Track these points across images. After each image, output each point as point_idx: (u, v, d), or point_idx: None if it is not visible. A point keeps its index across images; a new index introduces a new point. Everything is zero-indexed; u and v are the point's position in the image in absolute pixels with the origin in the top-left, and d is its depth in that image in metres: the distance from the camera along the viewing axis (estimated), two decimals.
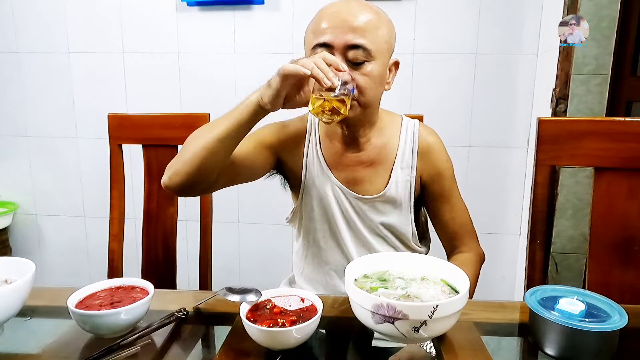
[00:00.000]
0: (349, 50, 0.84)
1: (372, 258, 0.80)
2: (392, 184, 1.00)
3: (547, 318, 0.66)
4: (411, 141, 1.01)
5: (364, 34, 0.84)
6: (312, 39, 0.88)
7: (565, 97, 1.69)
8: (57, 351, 0.69)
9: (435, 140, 1.03)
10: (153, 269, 1.23)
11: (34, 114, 2.22)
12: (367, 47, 0.84)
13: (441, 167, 1.02)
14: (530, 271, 1.05)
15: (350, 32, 0.84)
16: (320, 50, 0.85)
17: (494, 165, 2.03)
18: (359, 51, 0.84)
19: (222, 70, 2.08)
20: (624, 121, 1.01)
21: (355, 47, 0.84)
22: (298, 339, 0.66)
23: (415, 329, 0.62)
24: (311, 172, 1.02)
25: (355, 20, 0.84)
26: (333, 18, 0.85)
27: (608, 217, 1.00)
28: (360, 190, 1.01)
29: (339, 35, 0.84)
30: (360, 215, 1.02)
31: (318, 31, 0.86)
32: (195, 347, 0.71)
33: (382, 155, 1.00)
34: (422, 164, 1.01)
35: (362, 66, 0.86)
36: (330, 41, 0.85)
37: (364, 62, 0.86)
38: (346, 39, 0.84)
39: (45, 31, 2.13)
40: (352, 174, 1.01)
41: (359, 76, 0.86)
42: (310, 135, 1.03)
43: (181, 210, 1.25)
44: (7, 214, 2.25)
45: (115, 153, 1.24)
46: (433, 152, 1.01)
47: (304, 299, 0.74)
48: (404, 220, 1.02)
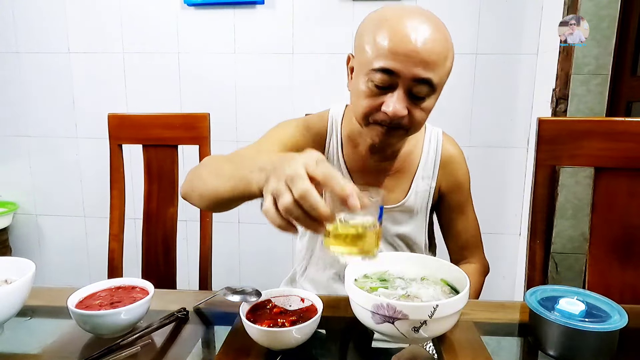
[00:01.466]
0: (414, 83, 0.76)
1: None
2: (412, 194, 0.98)
3: (547, 318, 0.66)
4: (434, 151, 1.00)
5: (434, 68, 0.76)
6: (372, 57, 0.77)
7: (565, 97, 1.69)
8: (57, 351, 0.69)
9: (457, 151, 1.02)
10: (153, 269, 1.23)
11: (34, 114, 2.22)
12: (434, 82, 0.77)
13: (461, 179, 1.02)
14: (530, 271, 1.05)
15: (421, 64, 0.75)
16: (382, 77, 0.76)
17: (494, 165, 2.03)
18: (424, 87, 0.77)
19: (222, 70, 2.08)
20: (624, 121, 1.01)
21: (422, 81, 0.76)
22: (298, 339, 0.66)
23: (415, 329, 0.62)
24: None
25: (429, 51, 0.74)
26: (404, 43, 0.74)
27: (608, 217, 1.00)
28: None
29: (408, 66, 0.74)
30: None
31: (381, 51, 0.75)
32: (195, 347, 0.71)
33: (406, 165, 0.99)
34: (443, 174, 1.00)
35: (422, 101, 0.79)
36: (396, 69, 0.75)
37: (425, 97, 0.79)
38: (415, 72, 0.75)
39: (45, 31, 2.13)
40: (373, 182, 0.98)
41: (417, 110, 0.80)
42: (332, 136, 0.98)
43: (181, 210, 1.25)
44: (7, 214, 2.25)
45: (115, 153, 1.24)
46: (454, 164, 1.01)
47: (304, 299, 0.74)
48: (418, 230, 1.02)
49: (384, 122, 0.80)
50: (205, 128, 1.20)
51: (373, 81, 0.78)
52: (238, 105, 2.10)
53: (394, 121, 0.79)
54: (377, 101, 0.79)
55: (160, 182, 1.23)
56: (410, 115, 0.79)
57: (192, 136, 1.21)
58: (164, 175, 1.23)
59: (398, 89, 0.77)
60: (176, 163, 1.23)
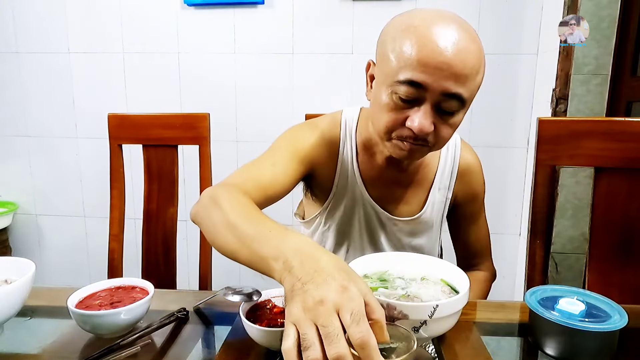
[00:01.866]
0: (444, 98, 0.70)
1: (372, 258, 0.80)
2: (429, 207, 0.95)
3: (547, 318, 0.66)
4: (452, 160, 0.96)
5: (465, 82, 0.70)
6: (397, 67, 0.70)
7: (565, 97, 1.69)
8: (57, 351, 0.69)
9: (475, 161, 0.98)
10: (153, 269, 1.23)
11: (34, 114, 2.22)
12: (464, 97, 0.71)
13: (477, 190, 1.00)
14: (530, 271, 1.05)
15: (452, 78, 0.68)
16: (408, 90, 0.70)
17: (494, 165, 2.03)
18: (455, 102, 0.71)
19: (222, 70, 2.08)
20: (624, 121, 1.01)
21: (452, 96, 0.70)
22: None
23: (415, 329, 0.62)
24: (343, 184, 0.93)
25: (461, 65, 0.68)
26: (435, 53, 0.67)
27: (608, 217, 1.00)
28: (394, 211, 0.95)
29: (437, 79, 0.68)
30: (389, 235, 0.97)
31: (409, 62, 0.69)
32: (195, 347, 0.71)
33: (423, 175, 0.95)
34: (459, 184, 0.97)
35: (451, 117, 0.74)
36: (425, 82, 0.69)
37: (454, 112, 0.73)
38: (445, 87, 0.69)
39: (45, 31, 2.13)
40: (388, 193, 0.94)
41: (444, 127, 0.74)
42: (345, 143, 0.92)
43: (181, 210, 1.25)
44: (7, 214, 2.25)
45: (115, 153, 1.24)
46: (472, 174, 0.98)
47: None
48: (432, 242, 1.01)
49: (407, 138, 0.74)
50: (205, 128, 1.20)
51: (397, 93, 0.71)
52: (238, 105, 2.10)
53: (419, 137, 0.73)
54: (401, 115, 0.73)
55: (160, 182, 1.23)
56: (436, 131, 0.74)
57: (192, 136, 1.21)
58: (164, 175, 1.23)
59: (425, 103, 0.71)
60: (176, 163, 1.23)
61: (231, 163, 2.13)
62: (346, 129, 0.93)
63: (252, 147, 2.05)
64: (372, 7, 1.94)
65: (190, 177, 1.42)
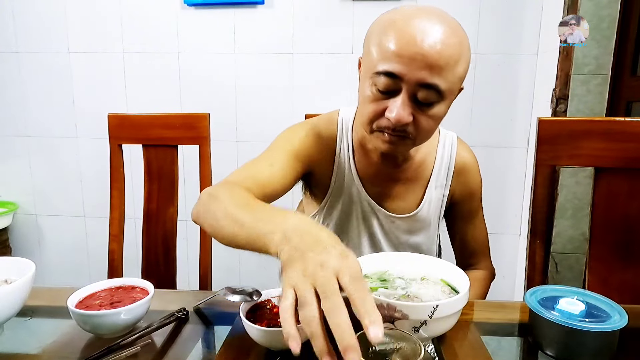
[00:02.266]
0: (419, 88, 0.72)
1: (372, 258, 0.80)
2: (425, 204, 0.96)
3: (547, 318, 0.66)
4: (448, 157, 0.97)
5: (440, 72, 0.71)
6: (376, 59, 0.73)
7: (565, 97, 1.69)
8: (57, 351, 0.69)
9: (471, 159, 0.99)
10: (153, 269, 1.23)
11: (34, 114, 2.22)
12: (441, 89, 0.72)
13: (474, 187, 1.00)
14: (530, 271, 1.05)
15: (427, 68, 0.70)
16: (385, 81, 0.72)
17: (494, 165, 2.03)
18: (431, 92, 0.72)
19: (222, 70, 2.08)
20: (624, 121, 1.01)
21: (428, 86, 0.71)
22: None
23: (415, 329, 0.62)
24: (340, 182, 0.95)
25: (436, 55, 0.69)
26: (411, 45, 0.69)
27: (608, 217, 1.00)
28: (391, 208, 0.96)
29: (412, 69, 0.70)
30: (387, 233, 0.98)
31: (386, 53, 0.71)
32: (195, 347, 0.71)
33: (419, 172, 0.96)
34: (456, 182, 0.97)
35: (429, 107, 0.75)
36: (399, 73, 0.71)
37: (432, 103, 0.74)
38: (420, 77, 0.70)
39: (45, 31, 2.13)
40: (385, 190, 0.95)
41: (423, 117, 0.75)
42: (342, 142, 0.94)
43: (181, 210, 1.25)
44: (7, 214, 2.25)
45: (115, 153, 1.24)
46: (469, 172, 0.98)
47: None
48: (430, 240, 1.01)
49: (387, 128, 0.76)
50: (205, 128, 1.20)
51: (376, 85, 0.74)
52: (238, 105, 2.10)
53: (397, 128, 0.75)
54: (380, 106, 0.75)
55: (160, 182, 1.23)
56: (415, 122, 0.75)
57: (192, 136, 1.21)
58: (164, 175, 1.23)
59: (402, 93, 0.73)
60: (176, 163, 1.23)
61: (231, 163, 2.13)
62: (343, 127, 0.94)
63: (252, 147, 2.05)
64: (372, 7, 1.94)
65: (190, 177, 1.42)
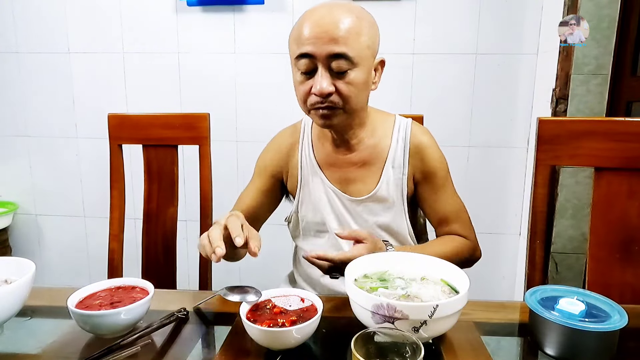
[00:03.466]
0: (331, 59, 0.84)
1: (372, 258, 0.80)
2: (383, 183, 1.00)
3: (547, 318, 0.66)
4: (403, 140, 1.00)
5: (345, 42, 0.83)
6: (294, 48, 0.88)
7: (565, 97, 1.69)
8: (57, 351, 0.69)
9: (427, 139, 1.01)
10: (153, 269, 1.23)
11: (34, 114, 2.22)
12: (349, 56, 0.84)
13: (434, 166, 1.00)
14: (530, 271, 1.05)
15: (332, 42, 0.83)
16: (304, 62, 0.85)
17: (494, 165, 2.03)
18: (342, 60, 0.84)
19: (222, 70, 2.08)
20: (624, 121, 1.01)
21: (337, 56, 0.84)
22: (298, 339, 0.66)
23: (415, 329, 0.62)
24: (305, 174, 1.04)
25: (336, 29, 0.83)
26: (314, 27, 0.84)
27: (608, 217, 1.00)
28: (353, 191, 1.02)
29: (320, 46, 0.83)
30: (354, 216, 1.02)
31: (300, 40, 0.86)
32: (195, 347, 0.71)
33: (374, 155, 1.00)
34: (414, 162, 1.00)
35: (345, 75, 0.86)
36: (311, 52, 0.84)
37: (346, 70, 0.85)
38: (328, 49, 0.83)
39: (45, 31, 2.13)
40: (344, 175, 1.02)
41: (343, 85, 0.86)
42: (303, 139, 1.05)
43: (181, 210, 1.25)
44: (7, 214, 2.25)
45: (115, 153, 1.24)
46: (425, 151, 1.00)
47: (304, 299, 0.74)
48: (398, 220, 1.02)
49: (317, 103, 0.87)
50: (205, 128, 1.20)
51: (299, 69, 0.88)
52: (238, 105, 2.10)
53: (324, 100, 0.86)
54: (307, 86, 0.87)
55: (160, 182, 1.23)
56: (338, 91, 0.86)
57: (192, 136, 1.21)
58: (164, 175, 1.23)
59: (319, 69, 0.85)
60: (176, 163, 1.23)
61: (231, 163, 2.13)
62: (304, 128, 1.07)
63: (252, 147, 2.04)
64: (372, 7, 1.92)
65: (190, 177, 1.42)
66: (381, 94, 2.14)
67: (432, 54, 1.95)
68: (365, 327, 0.56)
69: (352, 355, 0.50)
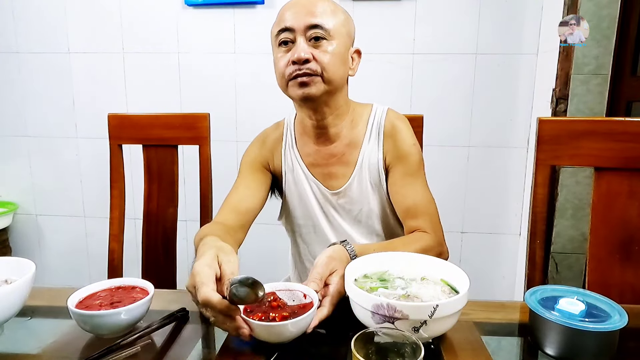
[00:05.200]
0: (309, 30, 0.91)
1: (372, 258, 0.80)
2: (357, 172, 1.02)
3: (547, 318, 0.66)
4: (377, 125, 1.03)
5: (322, 16, 0.91)
6: (275, 27, 0.95)
7: (565, 97, 1.69)
8: (57, 351, 0.69)
9: (401, 123, 1.03)
10: (153, 269, 1.23)
11: (34, 114, 2.22)
12: (325, 27, 0.91)
13: (405, 149, 1.00)
14: (530, 271, 1.05)
15: (309, 15, 0.91)
16: (284, 35, 0.92)
17: (494, 165, 2.03)
18: (318, 30, 0.91)
19: (222, 70, 2.08)
20: (624, 121, 1.01)
21: (314, 26, 0.90)
22: (293, 332, 0.66)
23: (415, 329, 0.62)
24: (290, 170, 1.06)
25: (313, 7, 0.92)
26: (293, 7, 0.93)
27: (608, 217, 1.00)
28: (334, 185, 1.04)
29: (298, 19, 0.91)
30: (337, 209, 1.04)
31: (280, 19, 0.93)
32: (195, 347, 0.71)
33: (351, 146, 1.02)
34: (387, 144, 1.01)
35: (322, 44, 0.91)
36: (291, 25, 0.91)
37: (323, 40, 0.91)
38: (305, 21, 0.90)
39: (45, 31, 2.13)
40: (326, 169, 1.04)
41: (320, 53, 0.91)
42: (287, 135, 1.08)
43: (181, 210, 1.25)
44: (7, 214, 2.25)
45: (115, 153, 1.24)
46: (398, 134, 1.01)
47: (306, 295, 0.74)
48: (379, 205, 1.03)
49: (296, 71, 0.90)
50: (205, 128, 1.20)
51: (279, 44, 0.93)
52: (238, 105, 2.10)
53: (302, 67, 0.90)
54: (287, 58, 0.92)
55: (160, 182, 1.23)
56: (315, 59, 0.90)
57: (192, 136, 1.21)
58: (164, 175, 1.23)
59: (298, 39, 0.91)
60: (176, 163, 1.23)
61: (231, 163, 2.13)
62: (287, 125, 1.10)
63: None
64: (372, 7, 1.94)
65: (190, 177, 1.42)
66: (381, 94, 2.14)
67: (432, 54, 1.95)
68: (365, 327, 0.56)
69: (352, 355, 0.51)
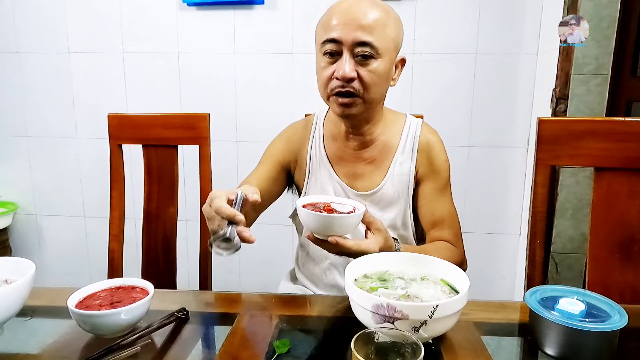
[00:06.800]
0: (357, 47, 0.87)
1: (372, 258, 0.80)
2: (389, 179, 1.01)
3: (547, 318, 0.66)
4: (412, 137, 1.03)
5: (371, 31, 0.87)
6: (322, 34, 0.91)
7: (565, 97, 1.69)
8: (57, 351, 0.69)
9: (436, 139, 1.04)
10: (153, 269, 1.23)
11: (34, 114, 2.22)
12: (374, 45, 0.87)
13: (438, 166, 1.02)
14: (530, 271, 1.05)
15: (359, 29, 0.86)
16: (330, 46, 0.88)
17: (494, 165, 2.03)
18: (366, 48, 0.87)
19: (222, 70, 2.08)
20: (624, 121, 1.01)
21: (363, 44, 0.86)
22: (341, 227, 0.79)
23: (415, 329, 0.62)
24: (314, 168, 1.05)
25: (364, 18, 0.86)
26: (343, 15, 0.88)
27: (608, 217, 1.00)
28: (359, 186, 1.03)
29: (347, 32, 0.86)
30: None
31: (328, 27, 0.89)
32: (195, 347, 0.71)
33: (384, 153, 1.02)
34: (420, 159, 1.02)
35: (369, 63, 0.88)
36: (339, 37, 0.87)
37: (370, 59, 0.88)
38: (354, 36, 0.86)
39: (45, 31, 2.13)
40: (352, 170, 1.03)
41: (365, 72, 0.88)
42: (315, 132, 1.07)
43: (181, 210, 1.25)
44: (7, 214, 2.25)
45: (115, 153, 1.24)
46: (433, 150, 1.02)
47: (355, 208, 0.84)
48: (403, 217, 1.02)
49: (338, 88, 0.89)
50: (205, 128, 1.20)
51: (324, 54, 0.90)
52: (238, 105, 2.10)
53: (345, 85, 0.88)
54: (330, 70, 0.90)
55: (160, 182, 1.23)
56: (360, 78, 0.88)
57: (192, 136, 1.21)
58: (164, 175, 1.23)
59: (344, 54, 0.88)
60: (176, 163, 1.23)
61: (231, 163, 2.13)
62: (316, 122, 1.08)
63: (252, 147, 2.05)
64: None
65: (190, 177, 1.42)
66: None
67: (432, 54, 1.95)
68: (365, 327, 0.56)
69: (352, 355, 0.51)
